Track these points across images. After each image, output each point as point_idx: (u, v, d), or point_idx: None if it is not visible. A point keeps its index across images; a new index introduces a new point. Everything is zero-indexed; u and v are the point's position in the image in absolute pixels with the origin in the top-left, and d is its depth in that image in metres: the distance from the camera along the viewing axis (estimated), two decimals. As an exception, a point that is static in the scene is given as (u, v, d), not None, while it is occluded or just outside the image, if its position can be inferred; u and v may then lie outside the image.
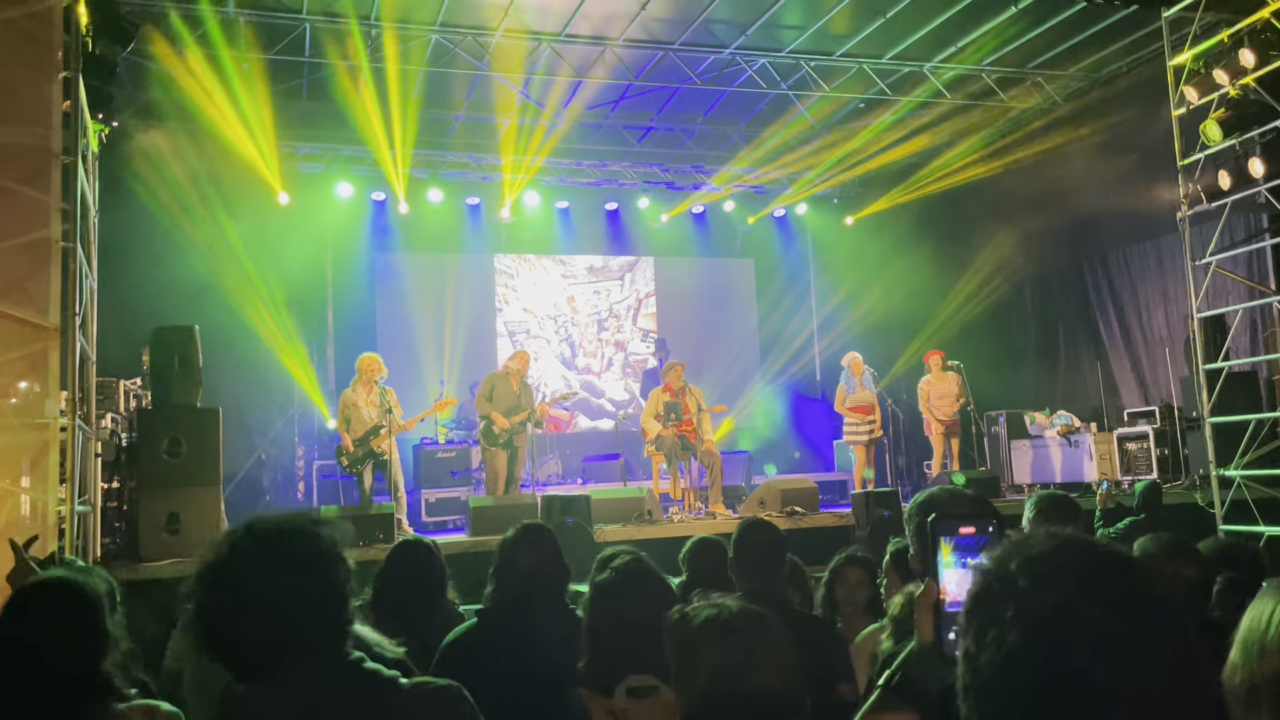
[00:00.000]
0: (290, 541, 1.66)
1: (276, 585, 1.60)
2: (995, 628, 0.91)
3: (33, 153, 5.79)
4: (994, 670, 0.90)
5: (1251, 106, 8.37)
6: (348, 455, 8.97)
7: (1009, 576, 0.93)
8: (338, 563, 1.68)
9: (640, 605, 2.49)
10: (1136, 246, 11.79)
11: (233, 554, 1.65)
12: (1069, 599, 0.89)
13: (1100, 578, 0.91)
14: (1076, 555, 0.93)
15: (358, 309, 13.41)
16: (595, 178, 14.28)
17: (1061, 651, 0.87)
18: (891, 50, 11.25)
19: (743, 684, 1.84)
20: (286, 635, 1.60)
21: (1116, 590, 0.91)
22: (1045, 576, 0.91)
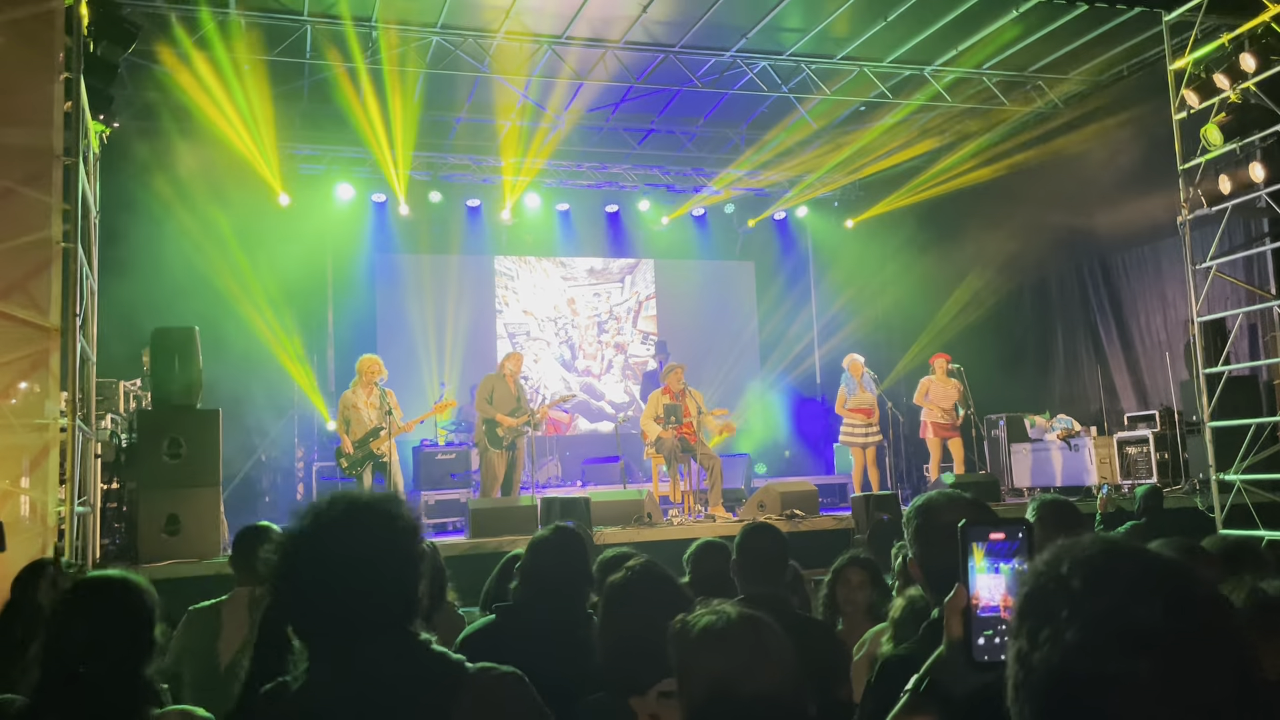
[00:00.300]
0: (375, 515, 1.71)
1: (359, 555, 1.65)
2: (1050, 627, 0.93)
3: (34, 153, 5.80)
4: (1049, 668, 0.92)
5: (1252, 111, 8.38)
6: (347, 457, 8.96)
7: (1062, 578, 0.96)
8: (415, 542, 1.74)
9: (657, 605, 2.49)
10: (1136, 250, 11.79)
11: (318, 522, 1.70)
12: (1124, 601, 0.92)
13: (1152, 580, 0.94)
14: (1128, 559, 0.97)
15: (358, 310, 13.42)
16: (596, 180, 14.29)
17: (1118, 650, 0.89)
18: (892, 54, 11.25)
19: (743, 690, 1.85)
20: (364, 606, 1.63)
21: (1170, 591, 0.93)
22: (1099, 578, 0.94)
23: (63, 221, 5.87)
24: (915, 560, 2.22)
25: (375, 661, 1.63)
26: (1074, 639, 0.91)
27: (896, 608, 2.98)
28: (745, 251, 15.72)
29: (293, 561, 1.69)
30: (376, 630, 1.65)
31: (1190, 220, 8.93)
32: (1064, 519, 3.02)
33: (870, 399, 10.98)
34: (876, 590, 4.18)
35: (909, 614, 2.85)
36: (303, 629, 1.69)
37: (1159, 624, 0.90)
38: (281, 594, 1.71)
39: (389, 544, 1.70)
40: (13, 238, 5.71)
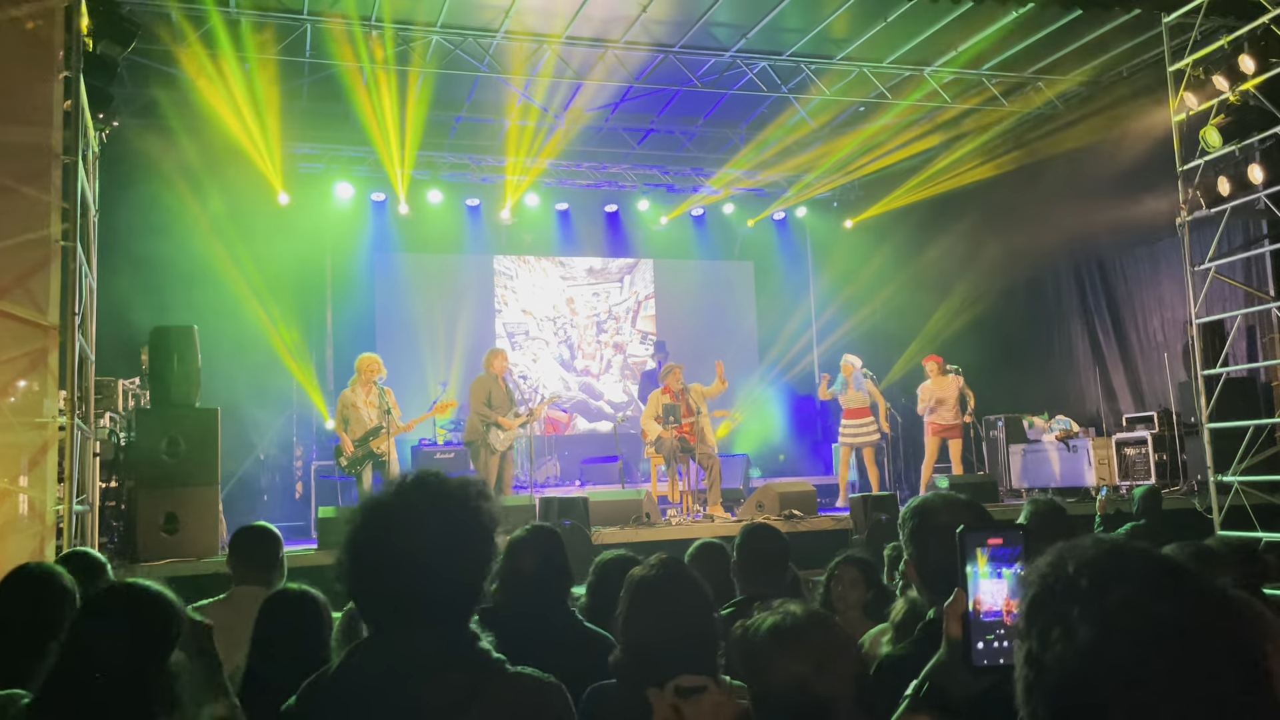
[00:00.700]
0: (459, 500, 1.70)
1: (435, 540, 1.64)
2: (1061, 626, 0.95)
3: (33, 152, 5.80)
4: (1063, 666, 0.94)
5: (1251, 112, 8.39)
6: (346, 456, 8.96)
7: (1069, 578, 0.98)
8: (492, 535, 1.73)
9: (680, 603, 2.49)
10: (1135, 252, 11.80)
11: (402, 499, 1.69)
12: (1137, 597, 0.94)
13: (1163, 577, 0.96)
14: (1135, 557, 0.99)
15: (357, 309, 13.42)
16: (595, 180, 14.29)
17: (1133, 646, 0.91)
18: (892, 54, 11.26)
19: (818, 689, 1.84)
20: (429, 593, 1.62)
21: (1183, 587, 0.95)
22: (1109, 576, 0.96)
23: (62, 220, 5.87)
24: (911, 562, 2.22)
25: (421, 651, 1.63)
26: (1087, 636, 0.93)
27: (898, 610, 2.98)
28: (744, 252, 15.72)
29: (366, 535, 1.68)
30: (435, 619, 1.64)
31: (1189, 222, 8.94)
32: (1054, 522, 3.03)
33: (861, 398, 10.96)
34: (871, 589, 4.18)
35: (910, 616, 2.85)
36: (362, 605, 1.69)
37: (1173, 618, 0.92)
38: (348, 566, 1.69)
39: (466, 533, 1.69)
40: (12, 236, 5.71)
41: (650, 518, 8.82)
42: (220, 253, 11.30)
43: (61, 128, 5.91)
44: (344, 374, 12.68)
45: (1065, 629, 0.95)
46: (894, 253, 14.25)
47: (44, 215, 5.76)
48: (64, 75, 6.02)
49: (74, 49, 6.13)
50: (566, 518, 7.78)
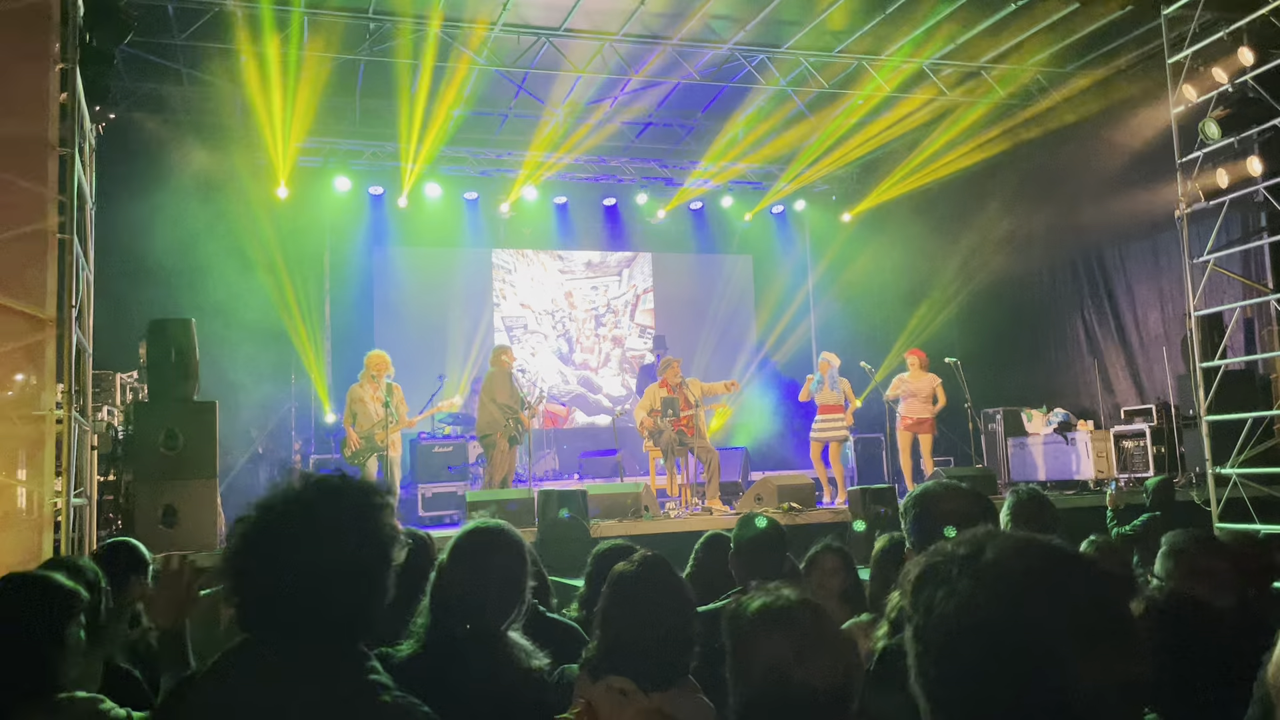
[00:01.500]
0: (350, 511, 1.57)
1: (319, 556, 1.53)
2: (945, 587, 1.06)
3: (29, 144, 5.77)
4: (946, 622, 1.05)
5: (1250, 105, 8.38)
6: (351, 447, 9.19)
7: (949, 551, 1.10)
8: (384, 550, 1.60)
9: (658, 604, 2.48)
10: (1134, 244, 11.79)
11: (291, 505, 1.58)
12: (1007, 557, 1.07)
13: (1023, 540, 1.10)
14: (1006, 536, 1.12)
15: (355, 303, 13.40)
16: (593, 173, 14.27)
17: (1010, 595, 1.03)
18: (890, 47, 11.24)
19: (799, 675, 1.81)
20: (308, 603, 1.51)
21: (1048, 551, 1.09)
22: (981, 542, 1.09)
23: (58, 213, 5.85)
24: (914, 550, 2.22)
25: (289, 668, 1.50)
26: (966, 588, 1.05)
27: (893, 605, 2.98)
28: (743, 245, 15.70)
29: (250, 539, 1.56)
30: (312, 635, 1.52)
31: (1188, 214, 8.94)
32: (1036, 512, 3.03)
33: (836, 396, 10.93)
34: (849, 576, 4.20)
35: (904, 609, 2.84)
36: (240, 611, 1.57)
37: (1035, 569, 1.05)
38: (227, 567, 1.58)
39: (357, 546, 1.55)
40: (8, 229, 5.68)
41: (649, 511, 8.83)
42: (218, 246, 11.28)
43: (58, 120, 5.88)
44: (342, 367, 12.70)
45: (949, 589, 1.06)
46: (892, 245, 14.24)
47: (40, 208, 5.73)
48: (60, 67, 5.99)
49: (70, 41, 6.10)
50: (565, 510, 7.78)
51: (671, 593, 2.55)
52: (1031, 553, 1.08)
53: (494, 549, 2.45)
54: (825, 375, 10.91)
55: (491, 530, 2.54)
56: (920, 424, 10.86)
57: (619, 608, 2.51)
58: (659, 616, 2.45)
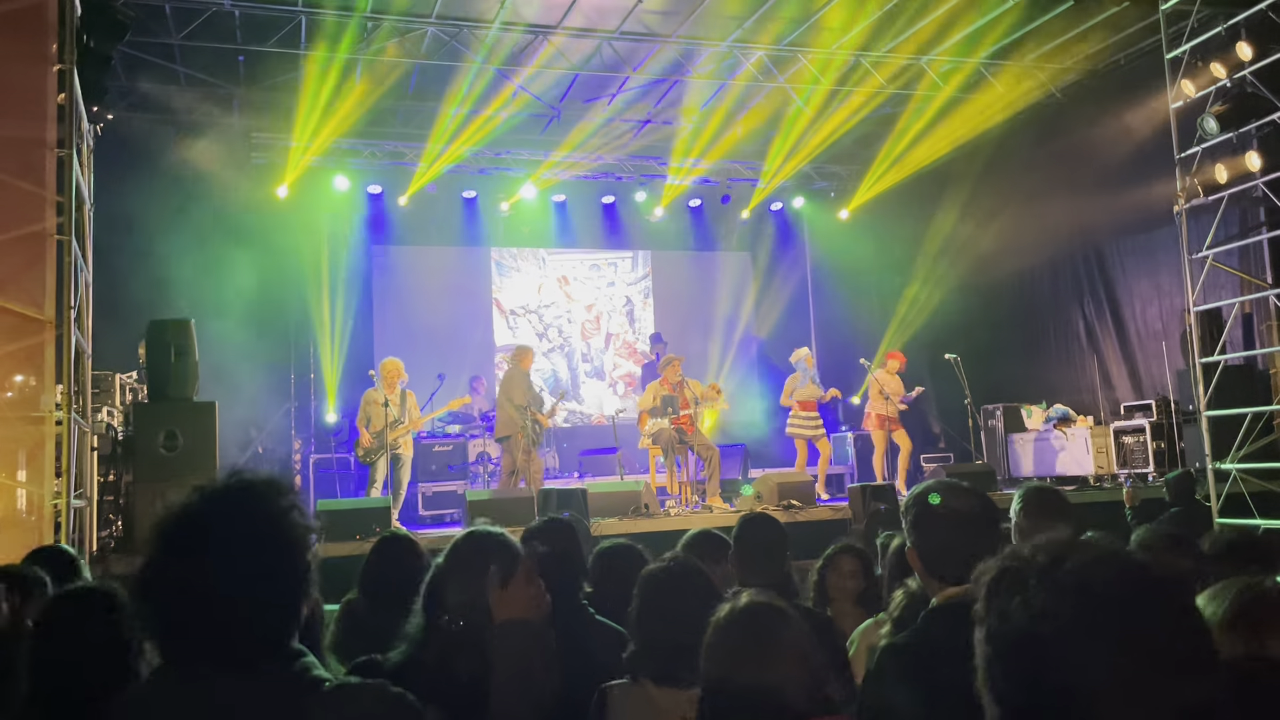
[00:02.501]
0: (253, 515, 1.52)
1: (225, 560, 1.47)
2: (1020, 595, 1.05)
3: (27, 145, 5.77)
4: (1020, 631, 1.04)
5: (1249, 99, 8.37)
6: (364, 447, 9.33)
7: (1027, 558, 1.09)
8: (295, 549, 1.54)
9: (690, 601, 2.49)
10: (1133, 239, 11.79)
11: (190, 519, 1.52)
12: (1088, 572, 1.05)
13: (1104, 553, 1.08)
14: (1083, 544, 1.10)
15: (354, 302, 13.38)
16: (592, 171, 14.25)
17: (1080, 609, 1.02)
18: (889, 42, 11.23)
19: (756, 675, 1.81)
20: (225, 619, 1.46)
21: (1128, 566, 1.07)
22: (1061, 552, 1.08)
23: (56, 213, 5.84)
24: (913, 547, 2.22)
25: (226, 687, 1.46)
26: (1040, 601, 1.03)
27: (896, 604, 2.98)
28: (742, 242, 15.69)
29: (153, 576, 1.50)
30: (236, 652, 1.47)
31: (1187, 209, 8.93)
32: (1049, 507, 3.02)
33: (816, 392, 10.93)
34: (867, 579, 4.17)
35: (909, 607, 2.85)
36: (164, 650, 1.52)
37: (1112, 587, 1.03)
38: (140, 608, 1.53)
39: (268, 551, 1.50)
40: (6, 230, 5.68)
41: (649, 509, 8.83)
42: (217, 246, 11.27)
43: (56, 121, 5.88)
44: (342, 366, 12.70)
45: (1024, 598, 1.04)
46: (891, 242, 14.23)
47: (39, 209, 5.73)
48: (58, 68, 5.98)
49: (67, 42, 6.10)
50: (565, 509, 7.78)
51: (702, 589, 2.58)
52: (1114, 569, 1.05)
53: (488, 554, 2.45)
54: (811, 368, 10.91)
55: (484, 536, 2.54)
56: (894, 421, 10.86)
57: (653, 608, 2.54)
58: (693, 613, 2.47)
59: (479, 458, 11.56)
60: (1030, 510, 2.99)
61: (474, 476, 11.40)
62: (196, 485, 1.56)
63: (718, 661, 1.88)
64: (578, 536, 3.14)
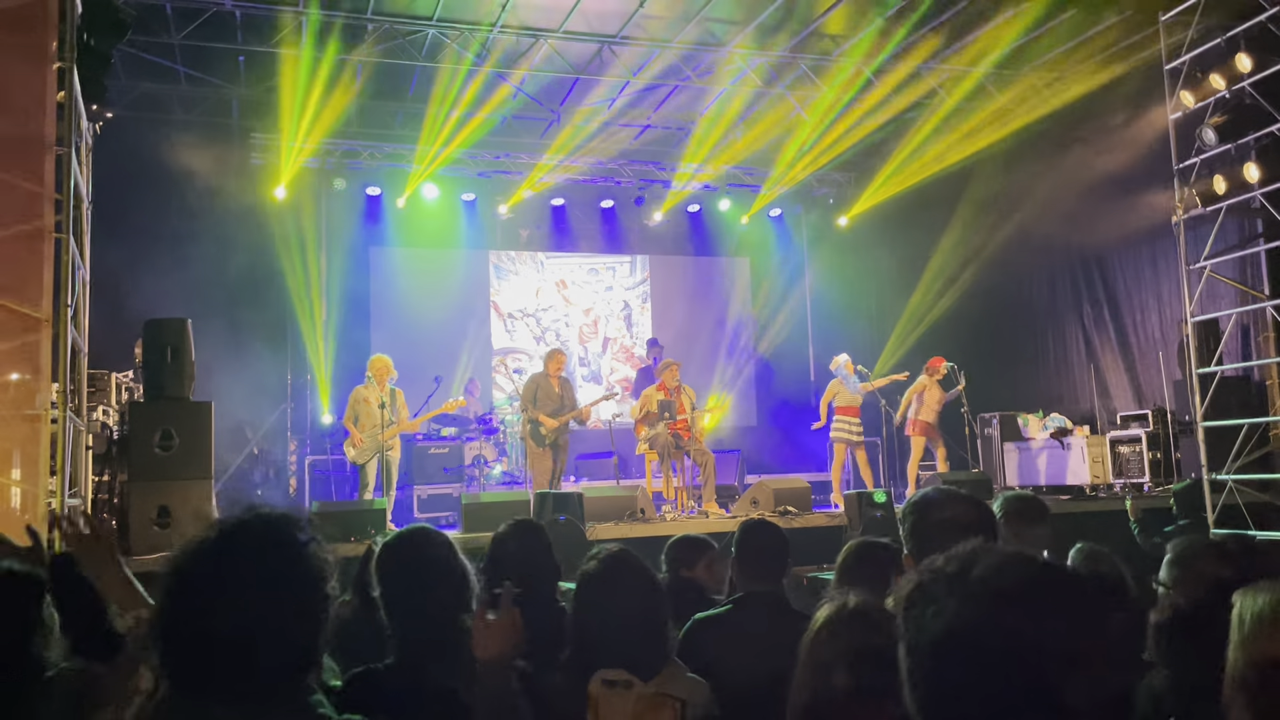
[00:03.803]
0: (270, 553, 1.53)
1: (245, 602, 1.47)
2: (934, 605, 1.10)
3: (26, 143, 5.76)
4: (936, 637, 1.09)
5: (1248, 111, 8.39)
6: (355, 448, 9.28)
7: (939, 568, 1.14)
8: (313, 586, 1.54)
9: (621, 596, 2.49)
10: (1131, 249, 11.80)
11: (209, 560, 1.53)
12: (992, 574, 1.10)
13: (1010, 558, 1.14)
14: (990, 551, 1.16)
15: (352, 303, 13.38)
16: (591, 175, 14.26)
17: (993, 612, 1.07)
18: (889, 49, 11.25)
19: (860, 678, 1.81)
20: (241, 658, 1.47)
21: (1032, 566, 1.13)
22: (969, 562, 1.13)
23: (55, 211, 5.83)
24: (910, 556, 2.21)
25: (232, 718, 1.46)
26: (953, 607, 1.09)
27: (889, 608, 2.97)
28: (740, 248, 15.71)
29: (173, 612, 1.50)
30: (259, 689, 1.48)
31: (1185, 220, 8.94)
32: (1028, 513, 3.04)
33: (857, 397, 10.93)
34: None
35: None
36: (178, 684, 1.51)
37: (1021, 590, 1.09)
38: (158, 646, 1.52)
39: (286, 590, 1.50)
40: (4, 227, 5.67)
41: (645, 513, 8.81)
42: (214, 246, 11.26)
43: (54, 119, 5.87)
44: (338, 368, 12.69)
45: (937, 607, 1.10)
46: (889, 249, 14.25)
47: (37, 206, 5.72)
48: (57, 66, 5.98)
49: (67, 40, 6.09)
50: (561, 513, 7.76)
51: (638, 582, 2.57)
52: (1016, 569, 1.10)
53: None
54: (851, 375, 10.89)
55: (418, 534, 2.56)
56: (930, 429, 10.86)
57: (586, 605, 2.53)
58: (627, 607, 2.46)
59: (474, 460, 11.55)
60: (1010, 517, 3.01)
61: (470, 479, 11.38)
62: (215, 522, 1.56)
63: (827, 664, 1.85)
64: (548, 536, 3.14)
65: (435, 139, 12.18)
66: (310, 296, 12.85)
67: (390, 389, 9.39)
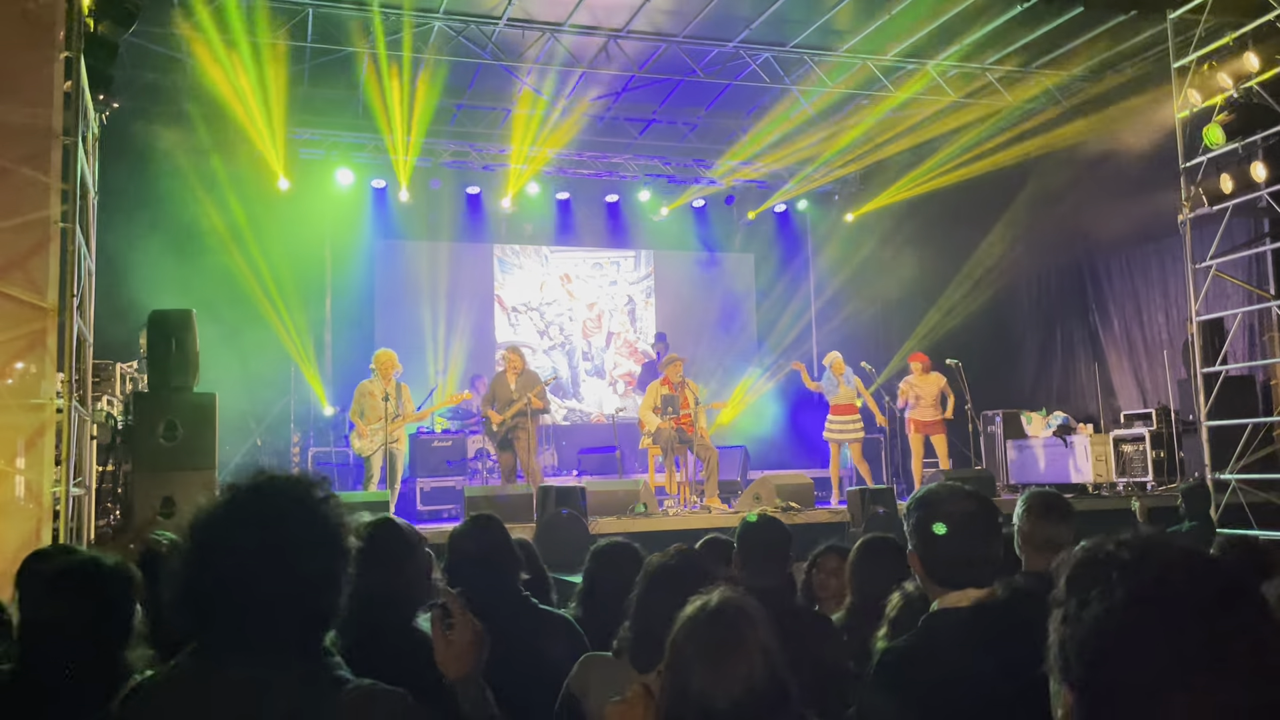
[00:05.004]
0: (284, 511, 1.54)
1: (261, 552, 1.49)
2: (1101, 587, 1.08)
3: (33, 133, 5.76)
4: (1098, 621, 1.07)
5: (1255, 110, 8.37)
6: (360, 439, 9.32)
7: (1111, 552, 1.12)
8: (328, 542, 1.56)
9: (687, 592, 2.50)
10: (1137, 248, 11.78)
11: (226, 513, 1.55)
12: (1169, 573, 1.07)
13: (1187, 556, 1.10)
14: (1164, 541, 1.14)
15: (356, 296, 13.38)
16: (596, 169, 14.25)
17: (1160, 607, 1.05)
18: (895, 47, 11.23)
19: (714, 676, 1.81)
20: (261, 615, 1.49)
21: (1207, 569, 1.09)
22: (1146, 551, 1.11)
23: (61, 202, 5.84)
24: (915, 553, 2.21)
25: (258, 679, 1.48)
26: (1121, 597, 1.06)
27: (893, 605, 2.97)
28: (745, 244, 15.69)
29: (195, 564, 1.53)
30: (278, 644, 1.49)
31: (1191, 219, 8.92)
32: (1053, 513, 3.03)
33: (850, 394, 10.92)
34: None
35: (906, 609, 2.85)
36: (198, 634, 1.53)
37: (1195, 590, 1.06)
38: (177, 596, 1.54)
39: (299, 544, 1.51)
40: (10, 217, 5.67)
41: (647, 508, 8.82)
42: (220, 237, 11.27)
43: (61, 108, 5.87)
44: (342, 360, 12.70)
45: (1104, 590, 1.08)
46: (894, 246, 14.22)
47: (43, 196, 5.72)
48: (64, 55, 5.97)
49: (74, 29, 6.09)
50: (564, 507, 7.78)
51: (700, 579, 2.57)
52: (1193, 570, 1.08)
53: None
54: (840, 375, 10.88)
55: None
56: (931, 425, 10.85)
57: (654, 597, 2.53)
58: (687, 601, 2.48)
59: (478, 454, 11.56)
60: (1034, 513, 3.01)
61: (473, 472, 11.40)
62: (230, 483, 1.58)
63: (682, 659, 1.87)
64: (504, 528, 3.15)
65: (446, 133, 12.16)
66: (314, 288, 12.87)
67: (395, 383, 9.42)
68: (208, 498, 1.58)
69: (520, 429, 9.76)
